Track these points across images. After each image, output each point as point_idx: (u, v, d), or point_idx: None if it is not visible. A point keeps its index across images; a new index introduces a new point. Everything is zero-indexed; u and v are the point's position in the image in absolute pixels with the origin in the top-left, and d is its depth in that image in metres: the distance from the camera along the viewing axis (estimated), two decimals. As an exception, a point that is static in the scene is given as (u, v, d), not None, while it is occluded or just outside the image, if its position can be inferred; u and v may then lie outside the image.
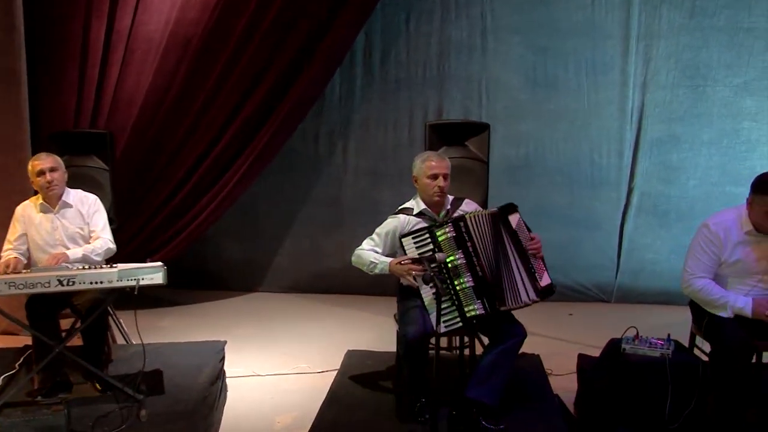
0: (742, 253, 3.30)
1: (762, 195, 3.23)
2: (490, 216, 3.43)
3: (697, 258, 3.39)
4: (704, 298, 3.34)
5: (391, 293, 6.37)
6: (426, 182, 3.61)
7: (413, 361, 3.33)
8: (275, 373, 4.58)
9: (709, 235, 3.35)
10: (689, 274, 3.41)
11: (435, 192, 3.58)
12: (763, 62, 5.92)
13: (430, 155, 3.69)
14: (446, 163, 3.63)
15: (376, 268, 3.57)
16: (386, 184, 6.40)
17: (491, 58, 6.15)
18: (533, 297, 3.40)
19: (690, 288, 3.40)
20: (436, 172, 3.57)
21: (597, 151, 6.24)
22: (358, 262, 3.68)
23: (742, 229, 3.32)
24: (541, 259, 3.51)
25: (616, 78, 6.09)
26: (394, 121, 6.33)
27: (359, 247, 3.71)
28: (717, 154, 6.10)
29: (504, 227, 3.42)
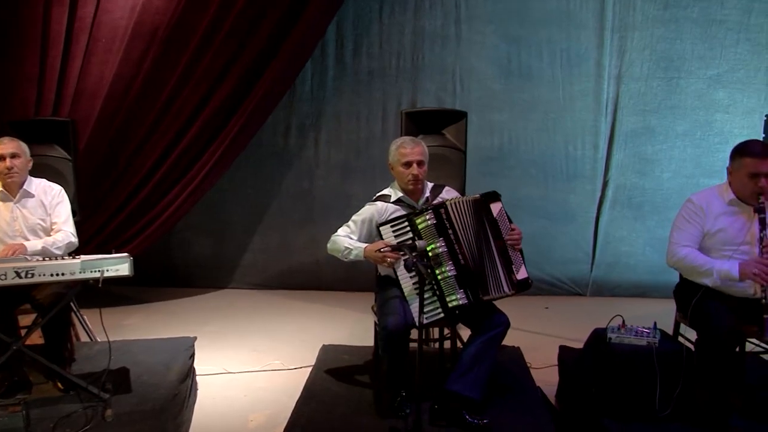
0: (724, 222, 3.28)
1: (741, 157, 3.25)
2: (472, 202, 3.32)
3: (681, 229, 3.36)
4: (689, 266, 3.28)
5: (364, 288, 6.31)
6: (400, 170, 3.49)
7: (393, 354, 3.20)
8: (247, 370, 4.42)
9: (693, 208, 3.36)
10: (674, 245, 3.36)
11: (409, 180, 3.46)
12: (734, 54, 5.93)
13: (404, 141, 3.54)
14: (421, 148, 3.49)
15: (351, 254, 3.42)
16: (358, 177, 6.28)
17: (465, 48, 6.06)
18: (506, 290, 3.30)
19: (675, 257, 3.34)
20: (409, 160, 3.44)
21: (572, 143, 6.20)
22: (332, 249, 3.53)
23: (724, 200, 3.33)
24: (520, 251, 3.40)
25: (591, 69, 6.05)
26: (366, 113, 6.21)
27: (334, 234, 3.55)
28: (691, 146, 6.10)
29: (485, 214, 3.32)
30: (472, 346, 3.22)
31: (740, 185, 3.25)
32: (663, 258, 6.23)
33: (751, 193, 3.20)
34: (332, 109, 6.22)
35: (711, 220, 3.29)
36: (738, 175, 3.26)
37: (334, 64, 6.13)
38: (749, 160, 3.20)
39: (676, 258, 3.32)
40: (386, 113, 6.17)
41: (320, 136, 6.27)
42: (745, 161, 3.22)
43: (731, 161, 3.32)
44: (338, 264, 6.21)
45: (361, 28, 6.07)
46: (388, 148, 6.07)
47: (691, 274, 3.30)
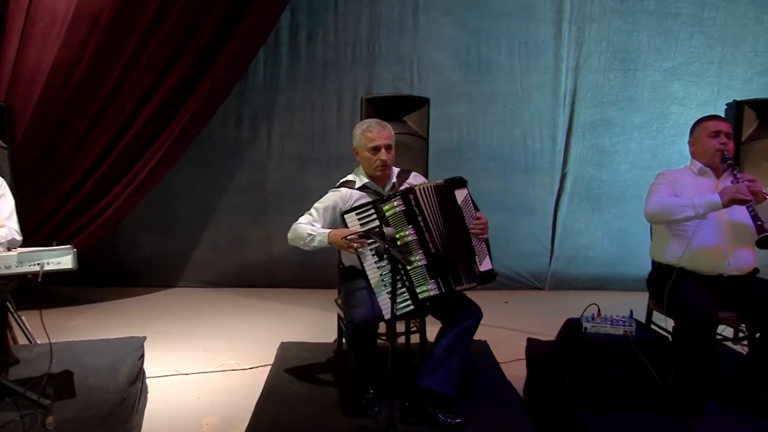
0: (694, 189, 3.32)
1: (699, 124, 3.44)
2: (435, 188, 3.16)
3: (655, 190, 3.40)
4: (667, 204, 3.23)
5: (320, 285, 6.16)
6: (366, 155, 3.31)
7: (361, 349, 3.02)
8: (200, 371, 4.18)
9: (662, 177, 3.46)
10: (648, 201, 3.36)
11: (377, 166, 3.28)
12: (689, 47, 5.97)
13: (370, 124, 3.33)
14: (387, 132, 3.32)
15: (314, 241, 3.22)
16: (313, 170, 6.08)
17: (423, 38, 5.93)
18: (470, 281, 3.15)
19: (651, 204, 3.30)
20: (376, 144, 3.26)
21: (530, 135, 6.14)
22: (293, 238, 3.32)
23: (692, 172, 3.43)
24: (486, 242, 3.26)
25: (549, 61, 6.01)
26: (321, 104, 6.02)
27: (295, 222, 3.36)
28: (647, 138, 6.11)
29: (450, 201, 3.17)
30: (444, 339, 3.07)
31: (703, 148, 3.38)
32: (621, 250, 6.38)
33: (714, 151, 3.31)
34: (286, 100, 6.01)
35: (680, 186, 3.36)
36: (700, 139, 3.40)
37: (287, 52, 5.92)
38: (708, 122, 3.40)
39: (653, 203, 3.29)
40: (342, 103, 6.00)
41: (273, 128, 6.05)
42: (704, 124, 3.41)
43: (691, 134, 3.48)
44: (293, 260, 6.13)
45: (316, 15, 5.89)
46: (343, 140, 6.06)
47: (672, 212, 3.20)
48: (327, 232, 3.20)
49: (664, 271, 3.30)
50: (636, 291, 6.15)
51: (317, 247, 3.23)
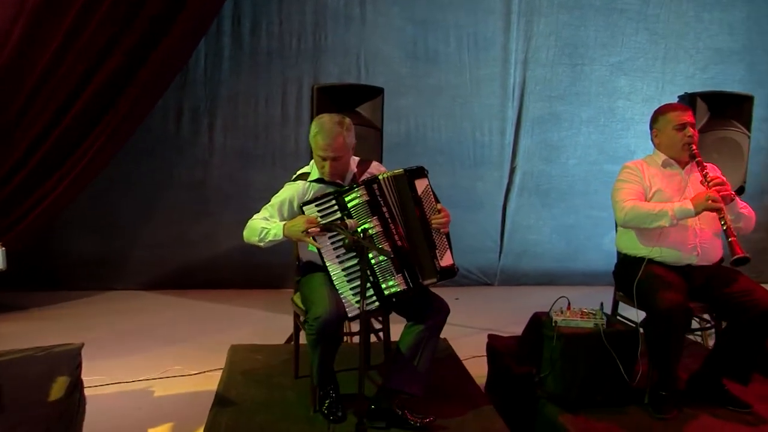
0: (661, 182, 3.28)
1: (663, 115, 3.32)
2: (394, 177, 3.02)
3: (624, 188, 3.30)
4: (641, 213, 3.17)
5: (266, 285, 5.95)
6: (316, 158, 3.11)
7: (325, 349, 2.84)
8: (143, 378, 3.93)
9: (629, 170, 3.36)
10: (621, 202, 3.26)
11: (324, 172, 3.08)
12: (635, 43, 6.03)
13: (322, 128, 3.03)
14: (339, 142, 3.01)
15: (268, 235, 3.02)
16: (258, 165, 5.85)
17: (370, 29, 5.79)
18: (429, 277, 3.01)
19: (624, 211, 3.22)
20: (323, 155, 3.03)
21: (479, 129, 6.08)
22: (248, 235, 3.11)
23: (657, 164, 3.35)
24: (447, 236, 3.13)
25: (498, 54, 5.95)
26: (265, 97, 5.79)
27: (251, 219, 3.16)
28: (595, 133, 6.14)
29: (410, 191, 3.03)
30: (410, 337, 2.93)
31: (669, 141, 3.28)
32: (569, 245, 6.38)
33: (681, 145, 3.24)
34: (228, 92, 5.75)
35: (647, 180, 3.28)
36: (665, 131, 3.30)
37: (230, 43, 5.67)
38: (673, 113, 3.29)
39: (626, 211, 3.21)
40: (287, 96, 5.79)
41: (215, 121, 5.78)
42: (669, 116, 3.29)
43: (654, 124, 3.38)
44: (238, 259, 5.88)
45: (259, 4, 5.65)
46: (288, 134, 5.86)
47: (645, 220, 3.17)
48: (282, 224, 3.01)
49: (632, 262, 3.25)
50: (585, 285, 6.21)
51: (273, 241, 3.03)
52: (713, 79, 5.99)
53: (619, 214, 3.26)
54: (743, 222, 3.21)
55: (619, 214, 3.26)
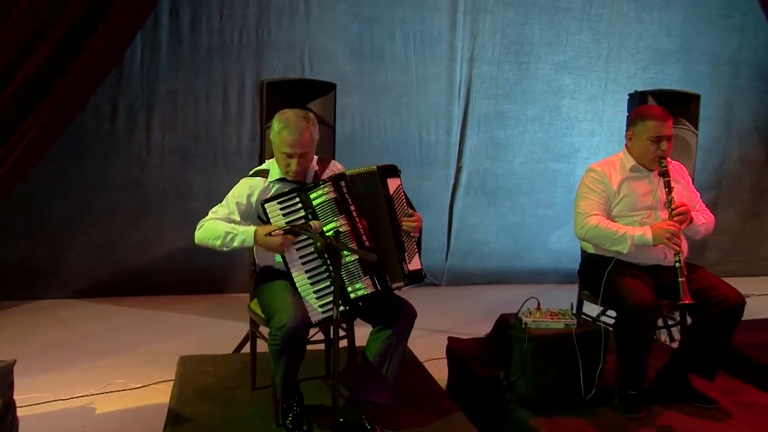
0: (628, 188, 3.22)
1: (642, 121, 3.20)
2: (368, 175, 2.90)
3: (587, 198, 3.24)
4: (602, 234, 3.14)
5: (206, 290, 5.70)
6: (279, 156, 2.92)
7: (290, 360, 2.68)
8: (82, 394, 3.67)
9: (595, 175, 3.27)
10: (582, 215, 3.21)
11: (289, 171, 2.91)
12: (579, 42, 6.07)
13: (287, 124, 2.87)
14: (306, 138, 2.87)
15: (235, 241, 2.81)
16: (198, 165, 5.60)
17: (315, 25, 5.62)
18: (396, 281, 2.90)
19: (585, 228, 3.19)
20: (289, 152, 2.86)
21: (425, 127, 6.00)
22: (205, 237, 2.89)
23: (625, 167, 3.27)
24: (417, 241, 3.04)
25: (444, 52, 5.89)
26: (206, 94, 5.54)
27: (204, 219, 2.94)
28: (540, 131, 6.15)
29: (382, 190, 2.91)
30: (378, 344, 2.81)
31: (642, 149, 3.20)
32: (515, 244, 6.38)
33: (653, 157, 3.17)
34: (166, 89, 5.47)
35: (615, 186, 3.21)
36: (640, 139, 3.21)
37: (168, 37, 5.39)
38: (652, 123, 3.17)
39: (587, 228, 3.17)
40: (228, 94, 5.56)
41: (153, 119, 5.49)
42: (647, 125, 3.18)
43: (631, 126, 3.27)
44: (177, 264, 5.62)
45: (199, -4, 5.41)
46: (230, 133, 5.63)
47: (604, 242, 3.16)
48: (253, 229, 2.80)
49: (599, 261, 3.22)
50: (532, 284, 6.24)
51: (238, 248, 2.85)
52: (653, 78, 6.09)
53: (579, 229, 3.22)
54: (703, 230, 3.26)
55: (579, 229, 3.23)
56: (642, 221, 3.16)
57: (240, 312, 5.25)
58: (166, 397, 3.28)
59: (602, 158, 6.06)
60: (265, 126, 3.96)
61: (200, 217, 5.35)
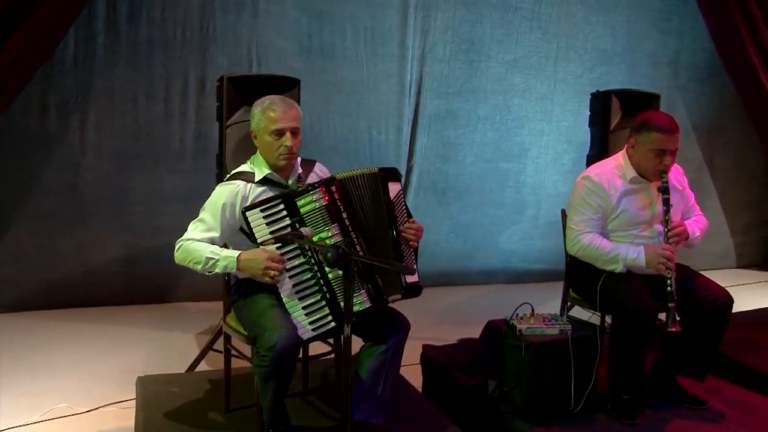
0: (626, 203, 3.11)
1: (648, 132, 3.05)
2: (369, 177, 2.71)
3: (581, 212, 3.13)
4: (594, 254, 3.07)
5: (153, 299, 5.35)
6: (267, 140, 2.71)
7: (280, 382, 2.47)
8: (21, 424, 3.31)
9: (592, 186, 3.13)
10: (575, 232, 3.12)
11: (281, 154, 2.70)
12: (529, 41, 6.06)
13: (272, 101, 2.73)
14: (295, 112, 2.75)
15: (217, 267, 2.58)
16: (138, 168, 5.25)
17: (263, 20, 5.35)
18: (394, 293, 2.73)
19: (577, 246, 3.11)
20: (280, 127, 2.67)
21: (376, 127, 5.85)
22: (184, 259, 2.65)
23: (625, 178, 3.14)
24: (414, 251, 2.87)
25: (395, 50, 5.75)
26: (146, 91, 5.18)
27: (184, 238, 2.68)
28: (491, 130, 6.11)
29: (383, 194, 2.74)
30: (371, 360, 2.63)
31: (644, 160, 3.07)
32: (466, 244, 6.32)
33: (654, 170, 3.05)
34: (103, 85, 5.08)
35: (614, 200, 3.10)
36: (643, 149, 3.07)
37: (104, 30, 5.00)
38: (659, 135, 3.02)
39: (580, 245, 3.08)
40: (170, 92, 5.22)
41: (88, 118, 5.09)
42: (653, 136, 3.03)
43: (637, 134, 3.11)
44: (116, 272, 5.24)
45: (139, -13, 5.05)
46: (173, 132, 5.30)
47: (596, 261, 3.09)
48: (235, 255, 2.57)
49: (588, 265, 3.14)
50: (482, 285, 6.21)
51: (221, 273, 2.61)
52: (600, 79, 6.16)
53: (571, 247, 3.14)
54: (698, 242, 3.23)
55: (570, 246, 3.15)
56: (638, 234, 3.11)
57: (188, 322, 4.97)
58: (119, 421, 3.04)
59: (551, 157, 6.26)
60: (225, 125, 3.71)
61: (141, 223, 5.00)
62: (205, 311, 5.26)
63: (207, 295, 5.36)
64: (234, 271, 2.59)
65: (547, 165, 6.28)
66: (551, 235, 6.37)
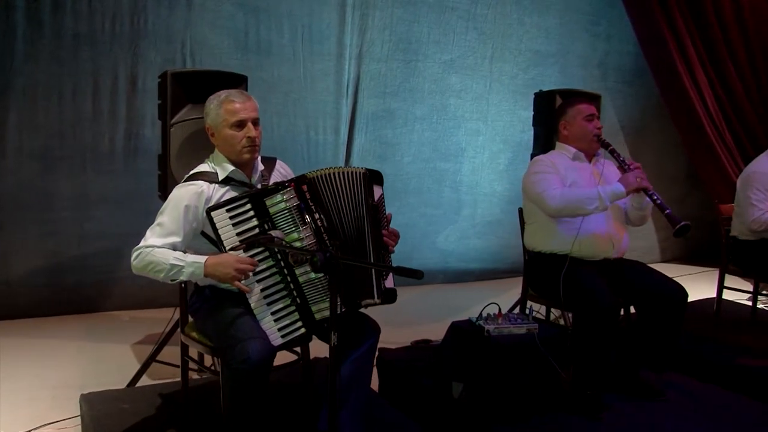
0: (574, 175, 3.27)
1: (572, 106, 3.37)
2: (350, 176, 2.61)
3: (545, 179, 3.22)
4: (573, 197, 3.11)
5: (79, 309, 5.03)
6: (228, 134, 2.56)
7: (253, 393, 2.33)
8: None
9: (544, 160, 3.34)
10: (545, 192, 3.16)
11: (244, 146, 2.56)
12: (465, 41, 6.09)
13: (230, 93, 2.61)
14: (254, 103, 2.63)
15: (182, 275, 2.43)
16: (63, 170, 4.93)
17: (197, 14, 5.14)
18: (375, 297, 2.64)
19: (555, 200, 3.12)
20: (242, 118, 2.55)
21: (313, 127, 5.73)
22: (145, 268, 2.46)
23: (567, 158, 3.35)
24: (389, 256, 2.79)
25: (333, 48, 5.65)
26: (72, 88, 4.86)
27: (143, 245, 2.49)
28: (428, 130, 6.11)
29: (368, 196, 2.64)
30: (345, 367, 2.52)
31: (581, 132, 3.31)
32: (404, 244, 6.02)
33: (591, 135, 3.27)
34: (24, 82, 4.73)
35: (562, 171, 3.25)
36: (576, 122, 3.32)
37: (24, 22, 4.66)
38: (582, 105, 3.35)
39: (558, 200, 3.12)
40: (99, 88, 4.92)
41: (8, 117, 4.72)
42: (578, 107, 3.35)
43: (563, 116, 3.38)
44: (38, 282, 4.90)
45: (63, -23, 4.74)
46: (101, 132, 5.02)
47: (577, 207, 3.11)
48: (202, 261, 2.42)
49: (548, 260, 3.18)
50: (421, 285, 6.15)
51: (185, 280, 2.46)
52: (534, 79, 6.27)
53: (550, 204, 3.14)
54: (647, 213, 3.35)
55: (549, 204, 3.14)
56: None
57: (121, 333, 4.69)
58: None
59: (487, 156, 6.32)
60: (169, 123, 3.53)
61: (67, 229, 4.68)
62: (138, 320, 5.00)
63: (138, 303, 5.14)
64: (200, 277, 2.43)
65: (484, 164, 6.34)
66: (488, 234, 6.45)
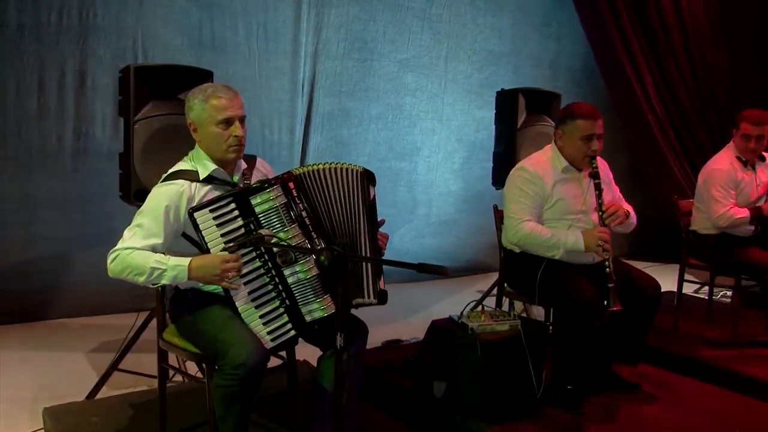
0: (561, 191, 3.19)
1: (572, 120, 3.17)
2: (345, 173, 2.57)
3: (519, 201, 3.17)
4: (535, 241, 3.12)
5: (25, 318, 4.78)
6: (214, 132, 2.46)
7: (247, 402, 2.25)
8: None
9: (528, 176, 3.20)
10: (516, 221, 3.16)
11: (230, 145, 2.47)
12: (420, 41, 6.10)
13: (216, 89, 2.51)
14: (240, 100, 2.55)
15: (164, 278, 2.32)
16: (8, 171, 4.69)
17: (149, 8, 4.96)
18: (371, 298, 2.61)
19: (520, 233, 3.13)
20: (229, 115, 2.46)
21: (268, 126, 5.62)
22: (123, 272, 2.34)
23: (557, 168, 3.23)
24: None
25: (288, 46, 5.55)
26: (16, 84, 4.62)
27: (120, 247, 2.37)
28: (384, 130, 6.09)
29: (365, 196, 2.60)
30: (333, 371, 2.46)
31: (573, 149, 3.18)
32: None
33: (584, 156, 3.16)
34: (-37, 77, 4.49)
35: (549, 189, 3.17)
36: (571, 138, 3.18)
37: (-37, 13, 4.43)
38: (582, 122, 3.14)
39: (521, 235, 3.11)
40: (45, 84, 4.69)
41: (-55, 114, 4.49)
42: (578, 124, 3.15)
43: (561, 125, 3.22)
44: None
45: (6, -34, 4.49)
46: (48, 130, 4.79)
47: (537, 250, 3.14)
48: (185, 263, 2.32)
49: (525, 259, 3.18)
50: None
51: (167, 284, 2.35)
52: (488, 79, 6.32)
53: (513, 235, 3.16)
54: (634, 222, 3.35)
55: (512, 235, 3.16)
56: (573, 225, 3.18)
57: (73, 341, 4.48)
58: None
59: (443, 156, 6.33)
60: (132, 120, 3.40)
61: (11, 233, 4.44)
62: (89, 327, 4.80)
63: (89, 309, 4.95)
64: (183, 280, 2.34)
65: (439, 164, 6.35)
66: (443, 233, 6.48)
